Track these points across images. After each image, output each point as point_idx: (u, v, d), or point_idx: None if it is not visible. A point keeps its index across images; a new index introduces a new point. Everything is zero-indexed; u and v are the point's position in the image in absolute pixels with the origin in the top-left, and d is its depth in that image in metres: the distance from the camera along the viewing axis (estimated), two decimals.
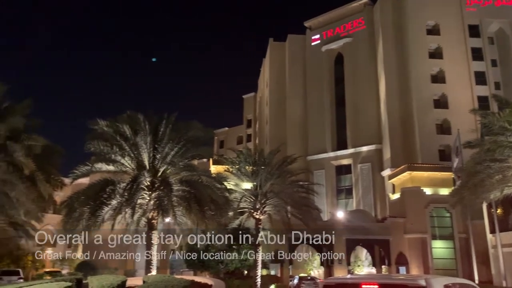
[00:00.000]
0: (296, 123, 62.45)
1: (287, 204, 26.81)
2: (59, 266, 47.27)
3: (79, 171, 20.40)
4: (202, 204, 20.13)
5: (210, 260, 28.28)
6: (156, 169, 20.89)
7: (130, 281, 9.96)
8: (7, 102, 21.75)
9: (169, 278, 9.13)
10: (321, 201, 49.25)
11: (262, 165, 26.38)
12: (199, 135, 22.05)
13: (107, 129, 20.46)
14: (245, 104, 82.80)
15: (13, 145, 19.62)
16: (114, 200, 19.50)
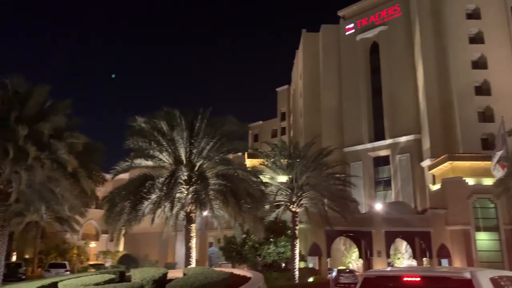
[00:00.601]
0: (331, 114, 61.69)
1: (324, 196, 26.59)
2: (103, 259, 49.01)
3: (120, 167, 20.97)
4: (239, 197, 20.26)
5: (248, 253, 28.47)
6: (193, 163, 21.18)
7: (170, 274, 10.14)
8: (49, 101, 22.58)
9: (208, 270, 9.24)
10: (358, 193, 48.58)
11: (297, 158, 26.24)
12: (234, 129, 22.15)
13: (145, 125, 20.89)
14: (279, 97, 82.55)
15: (56, 143, 20.35)
16: (153, 194, 19.93)
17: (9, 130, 20.03)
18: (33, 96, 21.50)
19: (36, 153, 19.74)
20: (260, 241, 25.79)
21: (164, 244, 44.76)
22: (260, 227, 21.38)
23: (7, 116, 20.48)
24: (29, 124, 20.04)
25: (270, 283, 14.45)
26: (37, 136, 20.22)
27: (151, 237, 42.82)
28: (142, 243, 46.63)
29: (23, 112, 20.90)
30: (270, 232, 27.30)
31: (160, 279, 9.24)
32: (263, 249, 28.15)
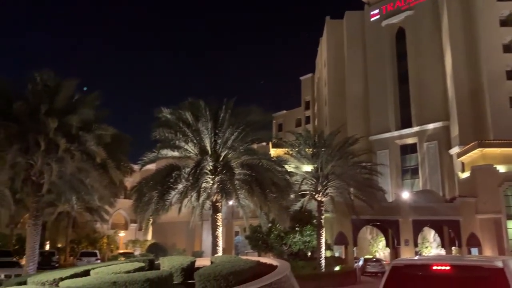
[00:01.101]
0: (356, 102, 60.88)
1: (350, 185, 26.38)
2: (132, 247, 50.18)
3: (147, 158, 21.33)
4: (264, 187, 20.32)
5: (274, 242, 28.61)
6: (218, 153, 21.33)
7: (198, 262, 10.30)
8: (78, 94, 23.09)
9: (235, 259, 9.34)
10: (385, 182, 48.00)
11: (323, 147, 26.06)
12: (258, 119, 22.16)
13: (170, 116, 21.13)
14: (302, 85, 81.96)
15: (85, 135, 20.83)
16: (180, 184, 20.22)
17: (40, 123, 20.61)
18: (62, 89, 22.00)
19: (66, 145, 20.27)
20: (286, 230, 25.85)
21: (191, 233, 45.46)
22: (285, 216, 21.42)
23: (37, 109, 21.08)
24: (58, 117, 20.55)
25: (296, 271, 14.49)
26: (67, 128, 20.74)
27: (178, 226, 43.56)
28: (169, 232, 47.49)
29: (53, 105, 21.43)
30: (296, 221, 27.32)
31: (188, 267, 9.41)
32: (288, 238, 28.23)
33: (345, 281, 24.72)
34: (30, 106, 21.24)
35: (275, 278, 7.38)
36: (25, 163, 21.20)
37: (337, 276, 25.04)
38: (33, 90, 22.00)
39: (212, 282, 7.66)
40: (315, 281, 22.36)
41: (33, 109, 21.16)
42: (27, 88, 22.19)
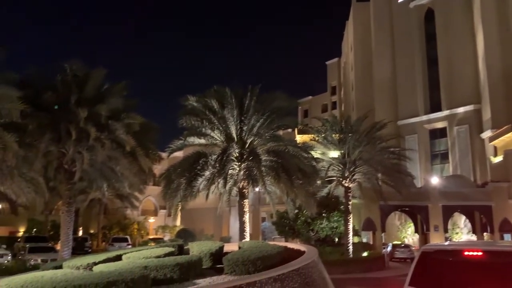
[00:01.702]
0: (384, 86, 59.68)
1: (378, 171, 26.04)
2: (161, 233, 51.26)
3: (174, 145, 21.61)
4: (290, 173, 20.31)
5: (301, 228, 28.66)
6: (244, 140, 21.39)
7: (226, 247, 10.44)
8: (107, 84, 23.50)
9: (263, 244, 9.41)
10: (414, 167, 47.16)
11: (350, 133, 25.75)
12: (283, 105, 22.06)
13: (196, 104, 21.28)
14: (328, 70, 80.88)
15: (114, 124, 21.24)
16: (207, 171, 20.44)
17: (70, 113, 21.11)
18: (91, 79, 22.42)
19: (96, 134, 20.73)
20: (313, 216, 25.82)
21: (218, 219, 46.02)
22: (312, 202, 21.39)
23: (67, 99, 21.59)
24: (88, 106, 21.00)
25: (324, 257, 14.52)
26: (96, 117, 21.18)
27: (206, 212, 44.16)
28: (197, 218, 48.22)
29: (82, 95, 21.90)
30: (323, 207, 27.24)
31: (216, 252, 9.54)
32: (316, 224, 28.20)
33: (373, 267, 24.59)
34: (60, 96, 21.77)
35: (303, 263, 7.41)
36: (57, 151, 21.83)
37: (365, 262, 24.93)
38: (62, 80, 22.51)
39: (240, 266, 7.75)
40: (342, 267, 22.34)
41: (63, 99, 21.69)
42: (56, 79, 22.74)
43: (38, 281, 6.74)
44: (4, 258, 23.04)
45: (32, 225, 42.86)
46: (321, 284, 7.58)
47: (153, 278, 7.37)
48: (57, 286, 6.36)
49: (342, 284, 13.98)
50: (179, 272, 7.71)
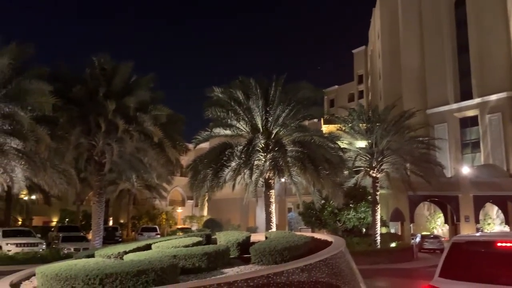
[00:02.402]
0: (412, 75, 58.32)
1: (406, 161, 25.59)
2: (189, 223, 52.03)
3: (200, 137, 21.81)
4: (316, 163, 20.21)
5: (328, 218, 28.53)
6: (269, 131, 21.38)
7: (253, 237, 10.51)
8: (134, 76, 23.89)
9: (290, 234, 9.42)
10: (443, 156, 46.11)
11: (377, 122, 25.35)
12: (309, 95, 21.90)
13: (222, 95, 21.36)
14: (355, 59, 79.63)
15: (142, 116, 21.61)
16: (233, 162, 20.55)
17: (99, 105, 21.57)
18: (119, 72, 22.81)
19: (124, 126, 21.14)
20: (340, 207, 25.65)
21: (245, 209, 46.33)
22: (339, 193, 21.25)
23: (96, 92, 22.05)
24: (116, 99, 21.40)
25: (351, 247, 14.46)
26: (124, 110, 21.58)
27: (233, 203, 44.53)
28: (224, 208, 48.66)
29: (110, 88, 22.33)
30: (350, 198, 27.02)
31: (243, 242, 9.62)
32: (342, 215, 28.02)
33: (402, 258, 24.30)
34: (89, 89, 22.27)
35: (330, 253, 7.38)
36: (87, 144, 22.39)
37: (393, 253, 24.67)
38: (91, 74, 23.01)
39: (267, 256, 7.79)
40: (370, 257, 22.17)
41: (92, 92, 22.17)
42: (85, 72, 23.25)
43: (72, 269, 6.96)
44: (39, 246, 23.87)
45: (65, 215, 44.25)
46: (348, 275, 7.54)
47: (182, 267, 7.50)
48: (90, 274, 6.56)
49: (370, 275, 13.88)
50: (207, 261, 7.82)
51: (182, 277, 7.25)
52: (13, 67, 18.66)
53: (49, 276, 6.98)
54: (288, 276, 6.52)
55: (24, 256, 20.26)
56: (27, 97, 18.32)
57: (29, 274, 8.74)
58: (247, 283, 6.22)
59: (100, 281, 6.47)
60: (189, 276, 7.47)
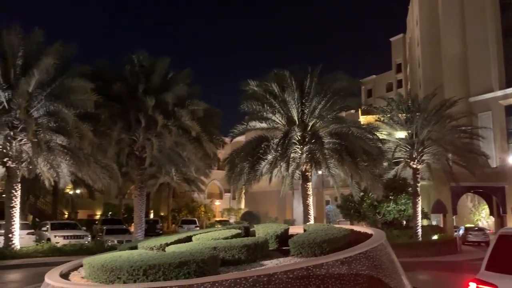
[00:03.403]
0: (453, 62, 56.20)
1: (448, 151, 24.78)
2: (227, 215, 52.67)
3: (237, 130, 21.98)
4: (354, 155, 19.93)
5: (367, 211, 28.11)
6: (306, 123, 21.25)
7: (291, 229, 10.51)
8: (171, 72, 24.35)
9: (328, 227, 9.36)
10: (488, 146, 44.26)
11: (417, 112, 24.65)
12: (345, 86, 21.59)
13: (257, 88, 21.39)
14: (393, 47, 77.58)
15: (180, 111, 22.03)
16: (269, 155, 20.59)
17: (139, 101, 22.15)
18: (156, 68, 23.32)
19: (163, 121, 21.62)
20: (379, 199, 25.17)
21: (282, 202, 46.38)
22: (378, 185, 20.88)
23: (135, 88, 22.64)
24: (155, 95, 21.91)
25: (391, 240, 14.18)
26: (163, 105, 22.06)
27: (270, 195, 44.66)
28: (261, 201, 48.89)
29: (149, 84, 22.88)
30: (390, 190, 26.47)
31: (282, 234, 9.64)
32: (382, 207, 27.52)
33: (445, 251, 23.65)
34: (128, 86, 22.90)
35: (370, 246, 7.28)
36: (128, 139, 23.06)
37: (435, 245, 24.03)
38: (130, 71, 23.63)
39: (306, 249, 7.78)
40: (411, 250, 21.71)
41: (131, 88, 22.79)
42: (124, 69, 23.89)
43: (116, 260, 7.21)
44: (85, 239, 24.82)
45: (108, 208, 45.80)
46: (389, 267, 7.42)
47: (222, 259, 7.61)
48: (134, 265, 6.77)
49: (411, 268, 13.60)
50: (247, 253, 7.89)
51: (222, 269, 7.36)
52: (57, 66, 19.43)
53: (96, 267, 7.27)
54: (328, 268, 6.49)
55: (71, 248, 21.12)
56: (70, 95, 19.05)
57: (77, 265, 9.13)
58: (286, 275, 6.24)
59: (144, 272, 6.67)
60: (229, 267, 7.58)
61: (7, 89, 18.77)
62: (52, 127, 19.45)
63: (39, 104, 19.23)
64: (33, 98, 19.11)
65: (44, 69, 18.54)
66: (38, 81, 18.84)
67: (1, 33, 19.25)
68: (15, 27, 19.10)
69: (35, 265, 16.88)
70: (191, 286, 6.11)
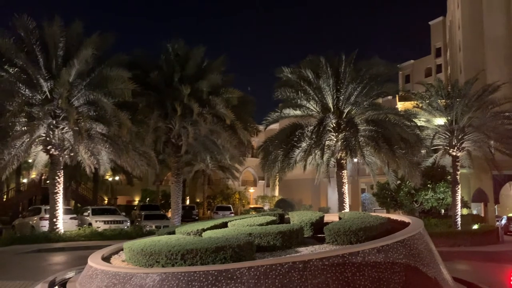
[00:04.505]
0: (497, 44, 53.63)
1: (490, 138, 23.85)
2: (261, 203, 53.02)
3: (270, 118, 21.98)
4: (391, 143, 19.55)
5: (404, 199, 27.58)
6: (341, 110, 20.98)
7: (326, 217, 10.46)
8: (206, 61, 24.53)
9: (364, 215, 9.25)
10: None
11: (457, 98, 23.78)
12: (382, 71, 21.11)
13: (291, 75, 21.24)
14: (432, 31, 74.90)
15: (214, 99, 22.22)
16: (303, 142, 20.50)
17: (175, 90, 22.49)
18: (191, 57, 23.54)
19: (199, 109, 21.89)
20: (417, 187, 24.60)
21: (316, 190, 46.17)
22: (416, 173, 20.40)
23: (171, 77, 22.98)
24: (190, 83, 22.18)
25: (429, 229, 13.88)
26: (198, 93, 22.31)
27: (304, 183, 44.55)
28: (295, 189, 48.85)
29: (184, 73, 23.16)
30: (428, 178, 25.81)
31: (317, 222, 9.61)
32: (420, 195, 26.90)
33: (485, 240, 22.90)
34: (164, 75, 23.27)
35: (408, 234, 7.14)
36: (165, 127, 23.52)
37: (475, 235, 23.30)
38: (166, 60, 23.97)
39: (342, 236, 7.73)
40: (450, 239, 21.16)
41: (167, 77, 23.15)
42: (160, 58, 24.26)
43: (155, 244, 7.43)
44: (124, 224, 25.60)
45: (145, 194, 47.06)
46: (427, 257, 7.27)
47: (257, 245, 7.69)
48: (172, 250, 6.96)
49: (450, 257, 13.28)
50: (282, 240, 7.93)
51: (257, 255, 7.43)
52: (96, 56, 19.97)
53: (136, 251, 7.51)
54: (364, 256, 6.44)
55: (111, 233, 21.85)
56: (108, 84, 19.56)
57: (117, 249, 9.46)
58: (322, 262, 6.23)
59: (181, 257, 6.85)
60: (264, 253, 7.65)
61: (49, 79, 19.46)
62: (92, 116, 20.07)
63: (79, 93, 19.86)
64: (73, 88, 19.75)
65: (83, 59, 19.09)
66: (78, 71, 19.44)
67: (42, 25, 19.90)
68: (56, 19, 19.69)
69: (78, 248, 17.59)
70: (227, 271, 6.22)
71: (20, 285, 9.57)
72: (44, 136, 20.01)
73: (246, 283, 6.06)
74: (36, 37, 19.47)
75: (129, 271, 7.00)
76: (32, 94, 19.49)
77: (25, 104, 19.15)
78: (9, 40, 18.90)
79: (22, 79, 19.25)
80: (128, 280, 6.75)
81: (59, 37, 19.69)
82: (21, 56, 18.92)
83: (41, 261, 14.64)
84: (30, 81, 19.35)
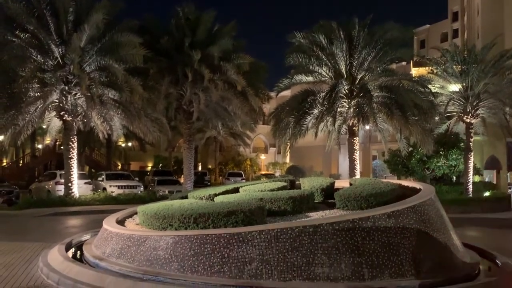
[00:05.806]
0: None
1: (506, 105, 23.39)
2: (272, 169, 53.38)
3: (282, 84, 21.75)
4: (404, 109, 19.32)
5: (415, 166, 27.50)
6: (354, 76, 20.69)
7: (337, 183, 10.50)
8: (216, 26, 24.16)
9: (375, 181, 9.26)
10: None
11: (474, 63, 23.21)
12: (396, 36, 20.66)
13: (303, 41, 20.85)
14: None
15: (226, 65, 22.02)
16: (315, 109, 20.37)
17: (185, 55, 22.30)
18: (202, 22, 23.20)
19: (209, 75, 21.76)
20: (429, 154, 24.45)
21: (327, 157, 46.23)
22: (429, 140, 20.23)
23: (182, 42, 22.74)
24: (201, 49, 21.95)
25: (440, 196, 13.87)
26: (209, 59, 22.11)
27: (315, 150, 44.52)
28: (306, 156, 48.94)
29: (195, 38, 22.89)
30: (440, 145, 25.59)
31: (328, 188, 9.67)
32: (432, 162, 26.76)
33: (497, 208, 22.89)
34: (175, 40, 23.03)
35: (419, 200, 7.17)
36: (176, 93, 23.50)
37: (486, 202, 23.28)
38: (176, 25, 23.67)
39: (352, 202, 7.79)
40: (461, 206, 21.19)
41: (178, 42, 22.92)
42: (171, 23, 23.94)
43: (168, 208, 7.58)
44: (138, 189, 26.05)
45: (158, 160, 47.63)
46: (438, 222, 7.31)
47: (268, 210, 7.80)
48: (185, 213, 7.10)
49: (460, 224, 13.33)
50: (292, 205, 8.03)
51: (268, 219, 7.55)
52: (106, 21, 19.76)
53: (149, 215, 7.68)
54: (374, 221, 6.50)
55: (125, 197, 22.30)
56: (119, 49, 19.46)
57: (131, 213, 9.68)
58: (332, 227, 6.32)
59: (194, 220, 6.99)
60: (275, 218, 7.77)
61: (60, 44, 19.40)
62: (103, 82, 20.10)
63: (91, 59, 19.81)
64: (85, 54, 19.69)
65: (94, 24, 18.93)
66: (89, 36, 19.31)
67: None
68: None
69: (93, 212, 18.02)
70: (239, 234, 6.34)
71: (40, 246, 9.91)
72: (57, 102, 20.15)
73: (257, 246, 6.19)
74: (46, 1, 19.28)
75: (143, 234, 7.18)
76: (44, 60, 19.49)
77: (37, 70, 19.18)
78: (19, 4, 18.75)
79: (33, 45, 19.21)
80: (142, 242, 6.94)
81: (69, 1, 19.48)
82: (32, 21, 18.80)
83: (57, 224, 15.07)
84: (41, 47, 19.31)
